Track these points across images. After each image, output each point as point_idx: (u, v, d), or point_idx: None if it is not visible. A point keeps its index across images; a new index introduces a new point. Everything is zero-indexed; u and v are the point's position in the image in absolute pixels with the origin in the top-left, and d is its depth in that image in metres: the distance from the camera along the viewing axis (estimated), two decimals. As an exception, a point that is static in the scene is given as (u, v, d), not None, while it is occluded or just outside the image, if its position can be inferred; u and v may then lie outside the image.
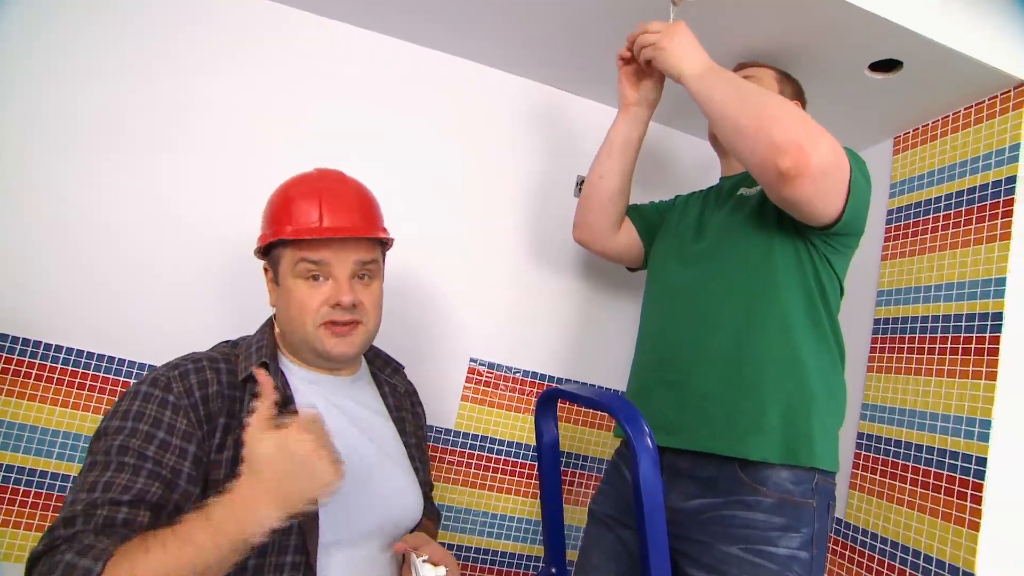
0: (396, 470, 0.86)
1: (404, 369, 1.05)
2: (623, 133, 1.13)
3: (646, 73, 1.08)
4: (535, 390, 1.45)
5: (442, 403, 1.39)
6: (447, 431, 1.39)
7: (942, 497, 1.05)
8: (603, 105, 1.52)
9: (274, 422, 0.62)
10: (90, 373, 1.21)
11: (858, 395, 1.28)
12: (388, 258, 0.93)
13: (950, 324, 1.12)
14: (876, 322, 1.29)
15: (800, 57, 1.16)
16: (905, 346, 1.20)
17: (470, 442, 1.40)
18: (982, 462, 0.99)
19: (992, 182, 1.10)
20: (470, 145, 1.45)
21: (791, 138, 0.80)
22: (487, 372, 1.43)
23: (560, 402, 1.33)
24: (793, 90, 1.13)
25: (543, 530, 1.03)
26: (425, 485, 0.94)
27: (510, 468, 1.42)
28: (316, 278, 0.81)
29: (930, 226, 1.21)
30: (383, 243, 0.89)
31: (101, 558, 0.57)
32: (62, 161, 1.23)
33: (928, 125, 1.28)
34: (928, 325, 1.16)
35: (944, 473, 1.05)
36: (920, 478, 1.10)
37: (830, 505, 0.92)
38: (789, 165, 0.80)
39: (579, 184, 1.49)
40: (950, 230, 1.17)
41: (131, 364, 1.23)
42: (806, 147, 0.80)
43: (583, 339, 1.50)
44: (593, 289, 1.52)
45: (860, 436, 1.26)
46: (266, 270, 0.87)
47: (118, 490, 0.63)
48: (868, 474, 1.22)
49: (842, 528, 1.25)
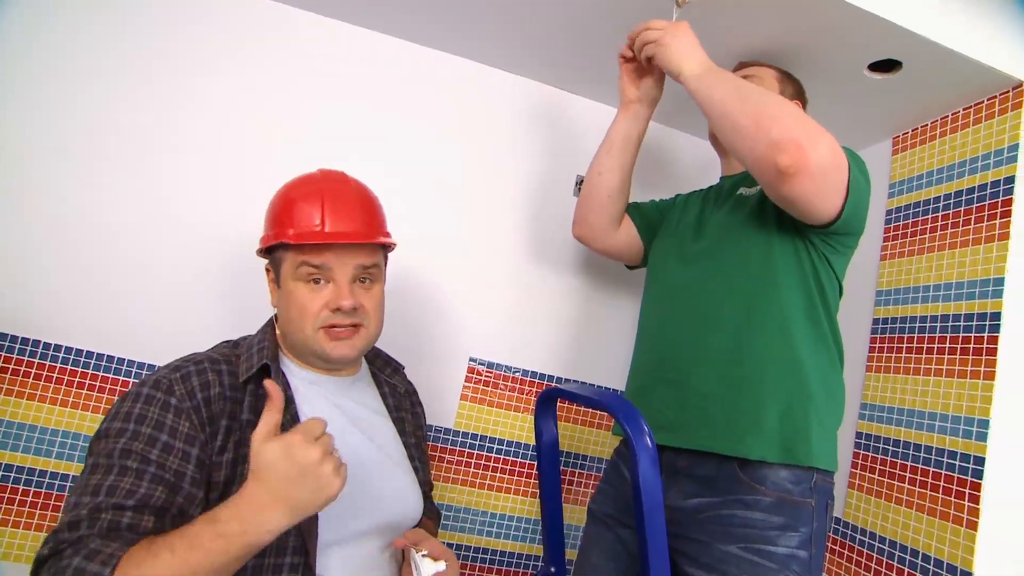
0: (396, 470, 0.87)
1: (404, 369, 1.05)
2: (623, 130, 1.13)
3: (647, 71, 1.08)
4: (534, 389, 1.45)
5: (442, 403, 1.39)
6: (447, 430, 1.39)
7: (940, 496, 1.05)
8: (603, 105, 1.52)
9: (279, 429, 0.63)
10: (89, 372, 1.21)
11: (857, 395, 1.28)
12: (388, 257, 0.93)
13: (948, 324, 1.12)
14: (875, 322, 1.29)
15: (800, 57, 1.16)
16: (904, 346, 1.21)
17: (470, 441, 1.41)
18: (980, 461, 0.99)
19: (991, 182, 1.10)
20: (470, 145, 1.45)
21: (790, 136, 0.81)
22: (487, 371, 1.43)
23: (559, 401, 1.33)
24: (794, 90, 1.13)
25: (542, 529, 1.03)
26: (425, 485, 0.94)
27: (510, 467, 1.42)
28: (317, 281, 0.80)
29: (929, 226, 1.22)
30: (385, 246, 0.89)
31: (109, 563, 0.57)
32: (62, 161, 1.23)
33: (927, 125, 1.28)
34: (927, 325, 1.16)
35: (942, 472, 1.06)
36: (918, 477, 1.10)
37: (829, 504, 0.92)
38: (788, 162, 0.80)
39: (578, 184, 1.49)
40: (949, 230, 1.17)
41: (131, 364, 1.23)
42: (805, 145, 0.80)
43: (583, 338, 1.50)
44: (593, 288, 1.52)
45: (859, 435, 1.26)
46: (268, 270, 0.87)
47: (122, 494, 0.63)
48: (867, 473, 1.22)
49: (841, 527, 1.26)
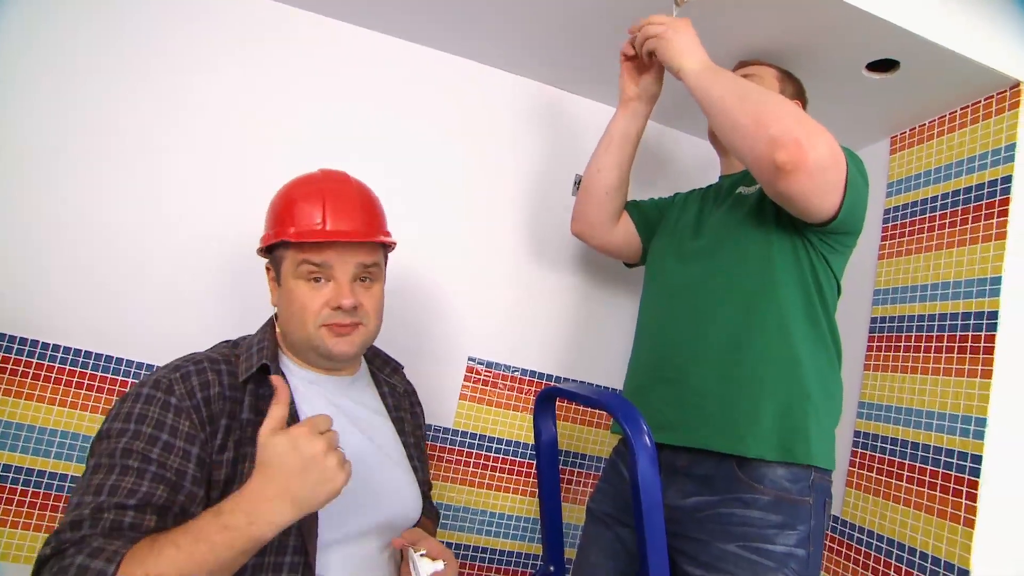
0: (395, 470, 0.87)
1: (403, 369, 1.05)
2: (622, 127, 1.13)
3: (647, 68, 1.08)
4: (534, 389, 1.45)
5: (441, 402, 1.39)
6: (446, 430, 1.39)
7: (938, 495, 1.05)
8: (603, 105, 1.52)
9: (285, 424, 0.64)
10: (88, 372, 1.21)
11: (855, 393, 1.28)
12: (388, 257, 0.93)
13: (946, 323, 1.12)
14: (873, 321, 1.30)
15: (798, 57, 1.16)
16: (901, 344, 1.21)
17: (469, 441, 1.41)
18: (977, 460, 1.00)
19: (988, 182, 1.10)
20: (470, 145, 1.45)
21: (789, 133, 0.81)
22: (486, 371, 1.43)
23: (559, 401, 1.34)
24: (794, 89, 1.13)
25: (541, 528, 1.04)
26: (424, 484, 0.95)
27: (509, 467, 1.43)
28: (318, 280, 0.81)
29: (926, 225, 1.22)
30: (386, 245, 0.89)
31: (114, 559, 0.57)
32: (62, 161, 1.23)
33: (925, 125, 1.28)
34: (924, 324, 1.17)
35: (940, 471, 1.06)
36: (916, 476, 1.11)
37: (826, 502, 0.93)
38: (786, 159, 0.81)
39: (577, 183, 1.50)
40: (946, 229, 1.17)
41: (130, 364, 1.23)
42: (803, 142, 0.80)
43: (582, 338, 1.50)
44: (591, 287, 1.52)
45: (856, 434, 1.27)
46: (268, 269, 0.87)
47: (123, 494, 0.63)
48: (864, 472, 1.23)
49: (839, 525, 1.26)
